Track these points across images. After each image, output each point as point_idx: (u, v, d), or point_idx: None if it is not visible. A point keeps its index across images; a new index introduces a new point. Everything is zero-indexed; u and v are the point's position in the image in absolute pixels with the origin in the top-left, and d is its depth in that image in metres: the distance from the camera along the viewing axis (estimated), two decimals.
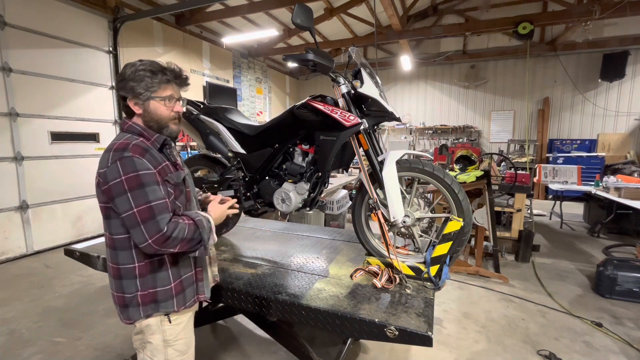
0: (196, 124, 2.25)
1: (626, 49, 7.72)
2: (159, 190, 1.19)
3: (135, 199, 1.14)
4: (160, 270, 1.26)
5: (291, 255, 2.22)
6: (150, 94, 1.23)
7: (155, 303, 1.25)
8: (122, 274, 1.24)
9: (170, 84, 1.27)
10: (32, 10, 4.39)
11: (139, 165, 1.15)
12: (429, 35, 7.86)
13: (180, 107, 1.33)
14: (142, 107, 1.25)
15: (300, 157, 2.07)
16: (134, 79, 1.21)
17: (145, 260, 1.24)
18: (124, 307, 1.26)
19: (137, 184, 1.14)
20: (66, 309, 3.08)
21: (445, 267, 1.71)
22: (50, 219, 4.71)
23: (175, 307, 1.28)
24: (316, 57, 1.64)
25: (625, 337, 2.63)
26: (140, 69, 1.22)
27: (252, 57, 8.96)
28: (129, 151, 1.15)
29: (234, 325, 2.81)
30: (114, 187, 1.14)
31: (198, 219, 1.27)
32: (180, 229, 1.19)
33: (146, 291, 1.24)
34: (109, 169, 1.14)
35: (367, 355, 2.44)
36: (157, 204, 1.16)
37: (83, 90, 4.99)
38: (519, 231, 4.30)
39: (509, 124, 9.22)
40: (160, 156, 1.25)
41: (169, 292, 1.27)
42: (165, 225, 1.16)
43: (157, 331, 1.28)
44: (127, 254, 1.23)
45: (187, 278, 1.34)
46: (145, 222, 1.14)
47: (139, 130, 1.25)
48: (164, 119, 1.28)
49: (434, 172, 1.72)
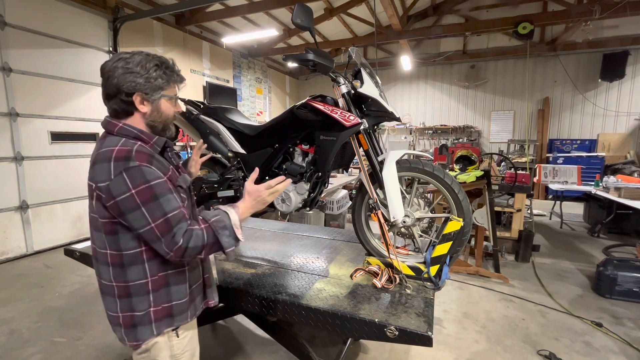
0: (196, 124, 2.25)
1: (626, 49, 7.72)
2: (174, 198, 1.08)
3: (151, 212, 1.03)
4: (177, 283, 1.17)
5: (291, 255, 2.22)
6: (162, 91, 1.13)
7: (170, 317, 1.16)
8: (132, 291, 1.11)
9: (175, 80, 1.19)
10: (32, 10, 4.39)
11: (149, 175, 1.03)
12: (429, 35, 7.85)
13: (180, 106, 1.27)
14: (151, 106, 1.13)
15: (300, 157, 2.07)
16: (148, 75, 1.09)
17: (159, 273, 1.13)
18: (131, 327, 1.13)
19: (150, 195, 1.03)
20: (66, 309, 3.08)
21: (445, 267, 1.71)
22: (50, 219, 4.71)
23: (189, 319, 1.22)
24: (316, 57, 1.64)
25: (625, 337, 2.63)
26: (153, 64, 1.10)
27: (252, 57, 8.96)
28: (134, 160, 1.02)
29: (234, 325, 2.81)
30: (123, 202, 1.02)
31: (215, 219, 1.13)
32: (196, 237, 1.08)
33: (160, 306, 1.14)
34: (113, 182, 1.01)
35: (367, 355, 2.44)
36: (173, 215, 1.06)
37: (83, 90, 4.99)
38: (519, 231, 4.30)
39: (509, 124, 9.22)
40: (165, 160, 1.15)
41: (185, 305, 1.20)
42: (180, 238, 1.05)
43: (165, 348, 1.18)
44: (138, 269, 1.10)
45: (197, 287, 1.28)
46: (164, 235, 1.05)
47: (135, 133, 1.11)
48: (169, 120, 1.20)
49: (434, 172, 1.72)
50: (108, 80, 1.08)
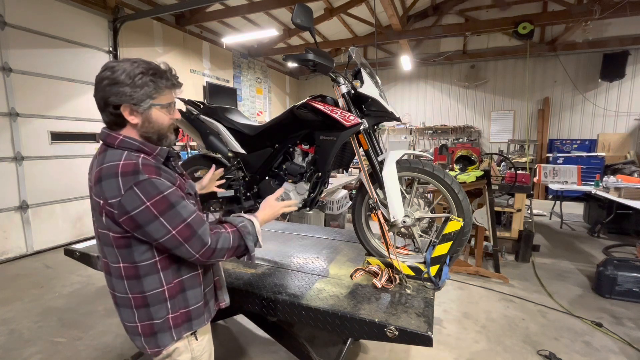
0: (196, 124, 2.25)
1: (626, 49, 7.72)
2: (189, 204, 1.09)
3: (170, 221, 1.04)
4: (192, 287, 1.19)
5: (291, 255, 2.22)
6: (152, 101, 1.07)
7: (188, 322, 1.19)
8: (149, 301, 1.11)
9: (168, 87, 1.12)
10: (32, 10, 4.39)
11: (161, 186, 1.03)
12: (429, 35, 7.86)
13: (177, 112, 1.21)
14: (140, 116, 1.08)
15: (300, 157, 2.07)
16: (133, 84, 1.03)
17: (175, 280, 1.15)
18: (151, 335, 1.13)
19: (166, 205, 1.03)
20: (66, 309, 3.08)
21: (445, 267, 1.71)
22: (50, 219, 4.71)
23: (206, 322, 1.25)
24: (316, 57, 1.64)
25: (625, 337, 2.63)
26: (139, 72, 1.04)
27: (252, 57, 8.96)
28: (142, 173, 1.01)
29: (234, 325, 2.81)
30: (140, 216, 1.01)
31: (242, 224, 1.22)
32: (224, 239, 1.14)
33: (177, 312, 1.15)
34: (125, 197, 1.00)
35: (367, 355, 2.44)
36: (193, 219, 1.08)
37: (83, 90, 4.98)
38: (519, 231, 4.30)
39: (509, 124, 9.22)
40: (170, 170, 1.14)
41: (201, 309, 1.22)
42: (208, 238, 1.09)
43: (186, 351, 1.20)
44: (153, 279, 1.11)
45: (210, 290, 1.31)
46: (188, 240, 1.07)
47: (137, 145, 1.08)
48: (165, 129, 1.15)
49: (434, 172, 1.72)
50: (96, 93, 1.06)
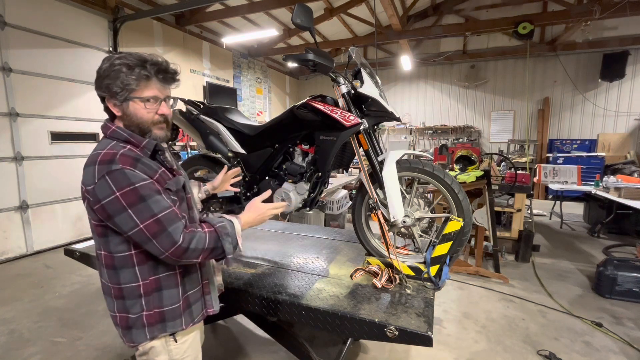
0: (196, 124, 2.25)
1: (626, 49, 7.72)
2: (163, 199, 1.06)
3: (138, 214, 1.01)
4: (168, 287, 1.15)
5: (291, 255, 2.22)
6: (128, 93, 1.06)
7: (162, 323, 1.15)
8: (125, 294, 1.11)
9: (151, 80, 1.08)
10: (32, 10, 4.39)
11: (133, 177, 1.01)
12: (429, 35, 7.86)
13: (167, 108, 1.15)
14: (120, 108, 1.09)
15: (300, 157, 2.07)
16: (110, 76, 1.04)
17: (150, 277, 1.12)
18: (127, 328, 1.13)
19: (136, 197, 1.01)
20: (66, 309, 3.08)
21: (445, 267, 1.71)
22: (50, 219, 4.71)
23: (184, 326, 1.19)
24: (316, 57, 1.64)
25: (625, 337, 2.63)
26: (117, 63, 1.04)
27: (252, 57, 8.96)
28: (117, 163, 1.01)
29: (234, 325, 2.81)
30: (109, 205, 1.00)
31: (220, 225, 1.15)
32: (199, 239, 1.08)
33: (152, 311, 1.13)
34: (97, 185, 1.00)
35: (367, 355, 2.44)
36: (164, 215, 1.04)
37: (83, 90, 4.98)
38: (519, 231, 4.30)
39: (509, 124, 9.22)
40: (155, 163, 1.11)
41: (177, 311, 1.17)
42: (180, 236, 1.05)
43: (163, 352, 1.17)
44: (129, 272, 1.10)
45: (194, 293, 1.24)
46: (157, 236, 1.03)
47: (125, 136, 1.09)
48: (145, 124, 1.11)
49: (434, 172, 1.72)
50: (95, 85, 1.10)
